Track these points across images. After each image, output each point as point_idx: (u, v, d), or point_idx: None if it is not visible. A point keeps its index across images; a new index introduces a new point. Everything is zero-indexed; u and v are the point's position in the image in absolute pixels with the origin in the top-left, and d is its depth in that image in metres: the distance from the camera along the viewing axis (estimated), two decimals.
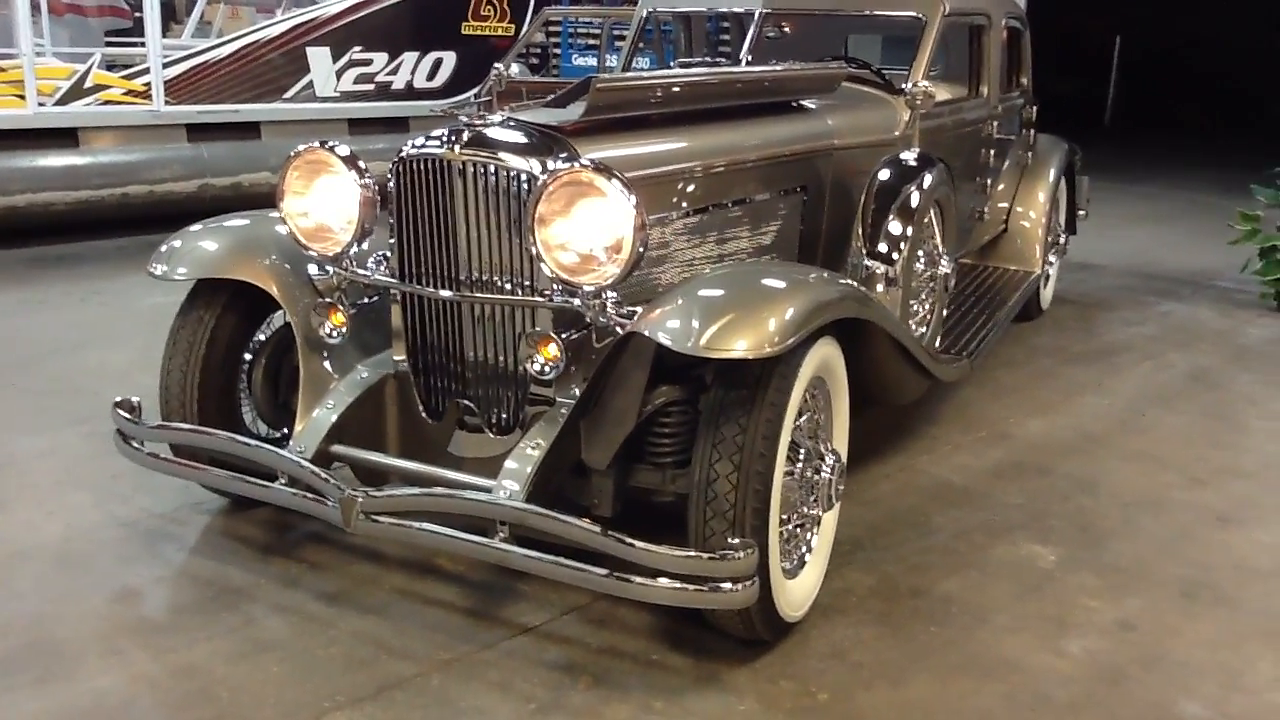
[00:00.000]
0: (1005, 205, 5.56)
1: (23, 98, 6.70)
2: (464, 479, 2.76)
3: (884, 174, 3.58)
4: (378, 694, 2.47)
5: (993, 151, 4.91)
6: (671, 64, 4.93)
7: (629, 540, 2.37)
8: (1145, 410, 4.61)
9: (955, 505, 3.60)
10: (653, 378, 2.66)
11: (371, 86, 8.42)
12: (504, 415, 2.93)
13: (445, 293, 2.85)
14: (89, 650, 2.61)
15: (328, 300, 2.97)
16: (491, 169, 2.75)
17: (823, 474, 2.74)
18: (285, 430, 3.20)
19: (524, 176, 2.72)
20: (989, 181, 4.94)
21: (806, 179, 3.68)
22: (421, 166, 2.82)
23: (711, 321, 2.42)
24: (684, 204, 3.17)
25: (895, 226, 3.46)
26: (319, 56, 8.02)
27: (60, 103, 6.88)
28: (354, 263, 3.02)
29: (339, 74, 8.16)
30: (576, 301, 2.68)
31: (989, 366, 4.98)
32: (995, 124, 4.89)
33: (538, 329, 2.74)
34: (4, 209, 6.64)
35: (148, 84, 7.20)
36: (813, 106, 3.79)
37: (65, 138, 6.93)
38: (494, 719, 2.40)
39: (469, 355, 2.91)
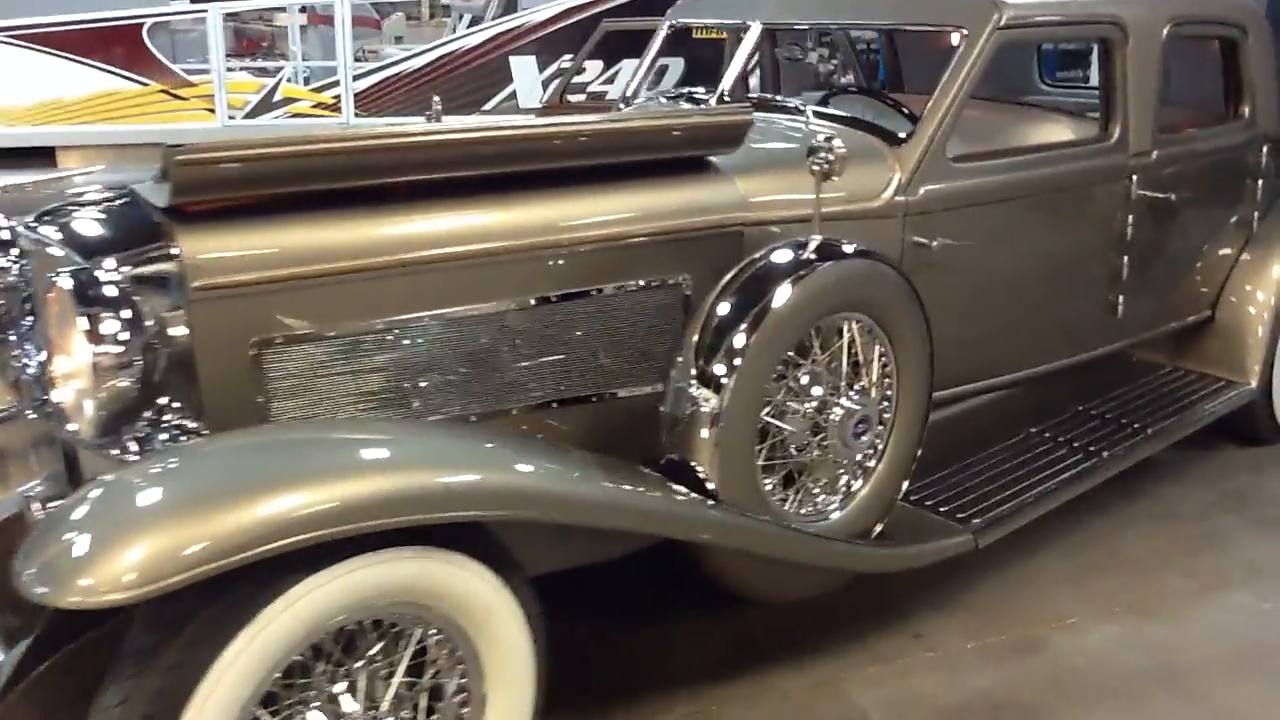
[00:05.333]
0: (1215, 284, 3.93)
1: (213, 111, 6.93)
2: None
3: (759, 263, 2.44)
4: None
5: (1131, 218, 3.39)
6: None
7: None
8: None
9: None
10: None
11: (583, 97, 7.91)
12: None
13: None
14: None
15: None
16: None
17: None
18: None
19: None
20: (1125, 259, 3.43)
21: (687, 269, 2.62)
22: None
23: (68, 536, 1.61)
24: (419, 310, 2.30)
25: (739, 340, 2.33)
26: (523, 66, 7.64)
27: (249, 116, 7.04)
28: None
29: (545, 84, 7.74)
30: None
31: (1124, 515, 3.49)
32: (1137, 177, 3.37)
33: None
34: None
35: (338, 97, 7.21)
36: (720, 165, 2.71)
37: None
38: None
39: None
